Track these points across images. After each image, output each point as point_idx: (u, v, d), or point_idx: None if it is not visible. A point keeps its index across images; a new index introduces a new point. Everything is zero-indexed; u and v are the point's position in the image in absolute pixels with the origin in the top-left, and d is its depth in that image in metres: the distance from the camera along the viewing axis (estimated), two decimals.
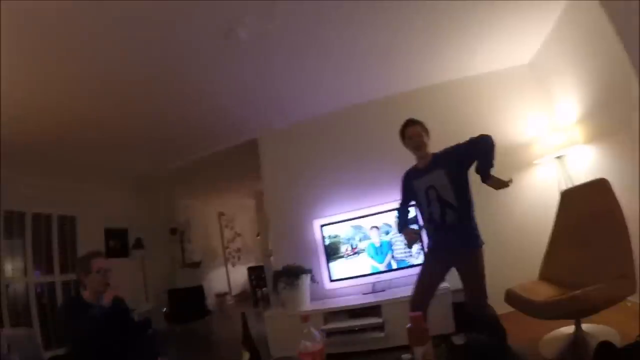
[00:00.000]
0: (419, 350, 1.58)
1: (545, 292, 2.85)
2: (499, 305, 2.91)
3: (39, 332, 5.44)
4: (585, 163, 3.91)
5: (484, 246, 2.89)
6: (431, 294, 2.97)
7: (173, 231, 8.62)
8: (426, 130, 3.10)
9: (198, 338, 6.70)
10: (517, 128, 4.55)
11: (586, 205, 2.99)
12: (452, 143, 4.49)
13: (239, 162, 6.62)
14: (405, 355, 1.69)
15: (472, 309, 2.84)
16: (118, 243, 6.96)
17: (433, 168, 2.96)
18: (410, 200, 3.20)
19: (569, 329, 2.94)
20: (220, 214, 11.08)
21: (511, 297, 2.94)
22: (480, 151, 2.84)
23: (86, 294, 2.57)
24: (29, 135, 4.23)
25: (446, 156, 2.97)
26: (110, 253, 6.69)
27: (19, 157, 4.69)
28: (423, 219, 3.08)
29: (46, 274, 5.77)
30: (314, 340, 1.63)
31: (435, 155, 3.05)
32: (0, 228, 5.05)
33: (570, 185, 3.87)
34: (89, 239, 6.34)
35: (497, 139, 4.41)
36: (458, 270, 2.90)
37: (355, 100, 4.91)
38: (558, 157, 4.13)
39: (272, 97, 4.46)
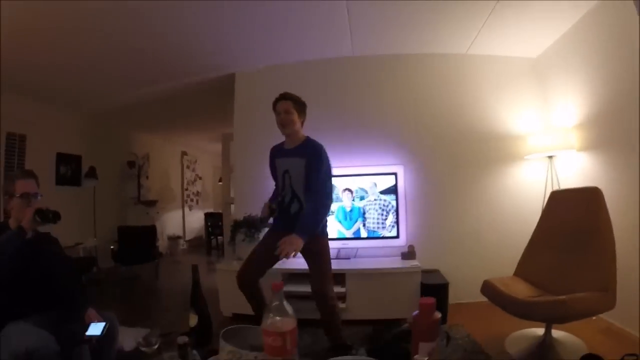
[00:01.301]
0: (424, 348, 1.30)
1: (522, 291, 2.82)
2: (476, 295, 2.78)
3: None
4: (576, 167, 3.83)
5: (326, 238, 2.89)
6: (263, 272, 2.87)
7: (131, 164, 8.13)
8: (300, 109, 2.94)
9: (142, 282, 6.40)
10: (511, 118, 4.42)
11: (575, 210, 2.90)
12: (442, 115, 4.44)
13: (210, 101, 6.22)
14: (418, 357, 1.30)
15: (314, 297, 2.76)
16: (69, 170, 6.47)
17: (296, 154, 2.85)
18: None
19: (537, 330, 2.92)
20: (183, 153, 10.63)
21: (489, 289, 2.85)
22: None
23: (11, 223, 2.12)
24: None
25: (313, 150, 2.82)
26: (61, 180, 6.29)
27: None
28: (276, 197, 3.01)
29: None
30: (286, 315, 1.30)
31: (306, 140, 2.93)
32: None
33: (557, 187, 3.84)
34: (38, 161, 5.82)
35: (490, 125, 4.46)
36: (304, 256, 2.79)
37: (346, 53, 4.53)
38: (549, 157, 4.02)
39: (255, 32, 4.01)
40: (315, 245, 2.72)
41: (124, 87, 5.54)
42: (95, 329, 2.06)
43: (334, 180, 4.17)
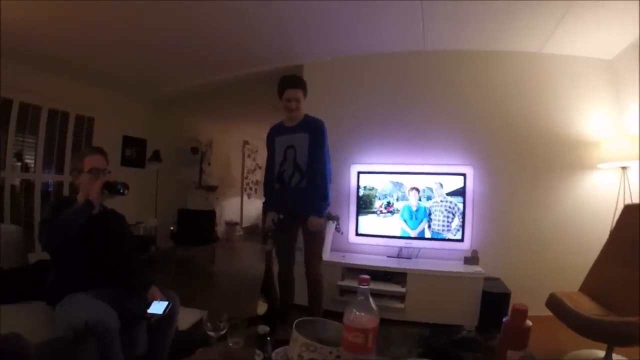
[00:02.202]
0: (513, 356, 1.21)
1: (588, 308, 2.68)
2: (537, 307, 2.55)
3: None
4: None
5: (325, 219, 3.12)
6: (293, 260, 3.17)
7: (194, 150, 8.29)
8: (306, 93, 3.10)
9: (198, 264, 6.51)
10: (584, 123, 4.03)
11: None
12: (513, 115, 4.14)
13: (276, 92, 6.05)
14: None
15: (306, 270, 3.06)
16: (134, 152, 6.66)
17: (299, 130, 3.00)
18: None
19: (598, 352, 2.75)
20: (245, 143, 10.72)
21: (555, 303, 2.71)
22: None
23: (79, 198, 2.11)
24: (53, 33, 3.99)
25: (316, 125, 3.01)
26: (126, 161, 6.47)
27: (39, 54, 4.51)
28: (272, 176, 3.17)
29: (56, 174, 5.51)
30: (370, 312, 1.21)
31: (306, 117, 3.08)
32: None
33: (629, 201, 3.52)
34: (105, 143, 5.97)
35: (563, 129, 4.06)
36: (303, 234, 3.08)
37: (417, 47, 4.29)
38: (623, 168, 3.65)
39: (326, 23, 3.87)
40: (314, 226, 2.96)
41: (190, 74, 5.55)
42: (158, 307, 2.02)
43: (401, 179, 4.04)
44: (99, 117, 5.96)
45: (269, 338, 1.40)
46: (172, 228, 6.51)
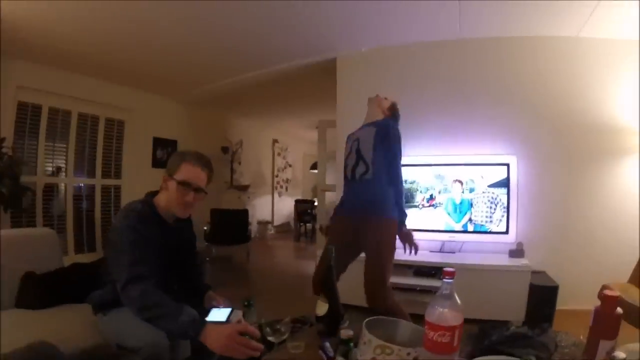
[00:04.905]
0: (605, 346, 1.11)
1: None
2: (584, 300, 2.41)
3: (73, 235, 5.29)
4: None
5: (391, 220, 2.57)
6: (345, 267, 2.66)
7: (225, 150, 8.26)
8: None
9: (234, 264, 6.51)
10: (630, 108, 3.76)
11: None
12: (555, 102, 3.92)
13: (307, 87, 6.09)
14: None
15: (367, 299, 2.48)
16: (165, 154, 6.66)
17: (368, 125, 2.79)
18: None
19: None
20: (274, 141, 10.67)
21: None
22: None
23: (161, 201, 1.86)
24: (79, 34, 4.00)
25: (384, 122, 2.76)
26: (157, 163, 6.46)
27: (67, 56, 4.53)
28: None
29: (87, 177, 5.57)
30: (455, 307, 1.08)
31: (381, 119, 2.83)
32: None
33: None
34: (136, 146, 6.10)
35: (606, 114, 3.83)
36: (360, 242, 2.60)
37: (453, 36, 4.11)
38: None
39: (359, 13, 3.71)
40: (378, 229, 2.52)
41: (219, 73, 5.51)
42: (219, 314, 1.78)
43: (443, 171, 3.85)
44: (130, 118, 5.99)
45: (352, 344, 1.28)
46: (205, 228, 6.46)
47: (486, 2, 3.43)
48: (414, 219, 3.91)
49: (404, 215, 2.62)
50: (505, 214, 3.77)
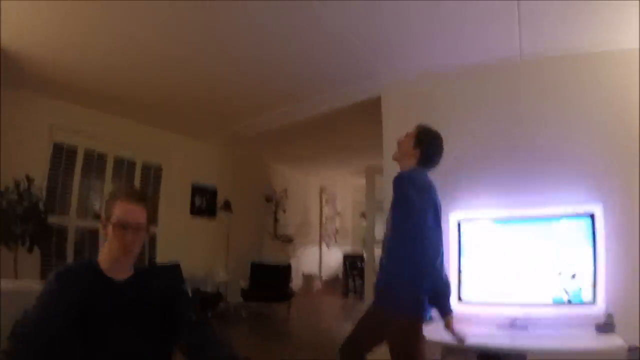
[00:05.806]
0: None
1: None
2: None
3: None
4: None
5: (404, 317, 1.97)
6: (363, 348, 2.19)
7: (268, 199, 7.94)
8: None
9: (272, 323, 6.06)
10: None
11: None
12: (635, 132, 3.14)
13: (353, 130, 5.70)
14: None
15: None
16: (204, 201, 6.42)
17: None
18: None
19: None
20: (322, 189, 10.31)
21: None
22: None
23: (103, 254, 1.51)
24: (120, 75, 4.00)
25: (395, 180, 2.17)
26: (196, 211, 6.22)
27: (103, 98, 4.52)
28: None
29: None
30: None
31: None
32: None
33: None
34: (174, 192, 5.85)
35: None
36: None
37: (513, 56, 3.49)
38: None
39: (404, 36, 3.29)
40: (393, 334, 2.01)
41: (262, 117, 5.29)
42: None
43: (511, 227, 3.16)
44: (167, 163, 5.84)
45: None
46: (242, 287, 6.11)
47: (548, 18, 2.90)
48: (478, 287, 3.22)
49: (428, 309, 1.98)
50: (592, 279, 2.99)
